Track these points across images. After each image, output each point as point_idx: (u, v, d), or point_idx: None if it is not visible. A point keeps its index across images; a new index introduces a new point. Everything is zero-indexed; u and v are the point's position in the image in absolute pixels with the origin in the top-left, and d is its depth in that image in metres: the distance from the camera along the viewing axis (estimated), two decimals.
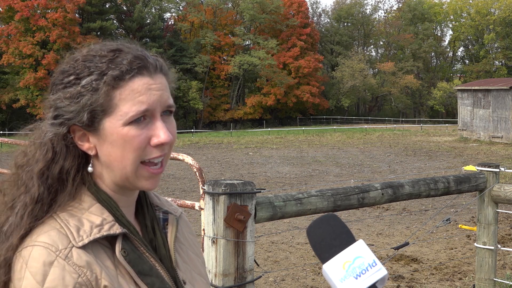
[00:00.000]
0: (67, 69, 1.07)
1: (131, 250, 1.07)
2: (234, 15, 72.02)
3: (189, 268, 1.21)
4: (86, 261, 1.01)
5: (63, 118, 1.06)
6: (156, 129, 1.07)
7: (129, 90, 1.05)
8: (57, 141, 1.07)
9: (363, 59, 75.10)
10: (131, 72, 1.05)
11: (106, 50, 1.07)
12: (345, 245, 0.98)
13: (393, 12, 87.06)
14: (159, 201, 1.25)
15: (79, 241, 1.02)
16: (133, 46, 1.10)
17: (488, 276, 4.36)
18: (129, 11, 65.60)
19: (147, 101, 1.05)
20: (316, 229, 1.02)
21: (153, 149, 1.07)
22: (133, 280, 1.06)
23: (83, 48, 1.10)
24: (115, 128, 1.05)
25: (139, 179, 1.08)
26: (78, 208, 1.07)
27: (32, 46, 54.31)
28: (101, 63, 1.05)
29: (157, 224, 1.18)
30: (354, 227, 9.48)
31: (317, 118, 72.02)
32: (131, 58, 1.06)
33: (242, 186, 2.73)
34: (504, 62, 74.80)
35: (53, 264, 0.99)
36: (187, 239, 1.27)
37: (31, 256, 0.99)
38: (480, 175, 4.26)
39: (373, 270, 0.95)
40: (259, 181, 15.50)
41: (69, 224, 1.04)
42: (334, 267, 0.96)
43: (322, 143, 32.12)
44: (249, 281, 2.78)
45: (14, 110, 54.01)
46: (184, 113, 63.66)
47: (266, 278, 6.55)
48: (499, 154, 24.35)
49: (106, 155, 1.07)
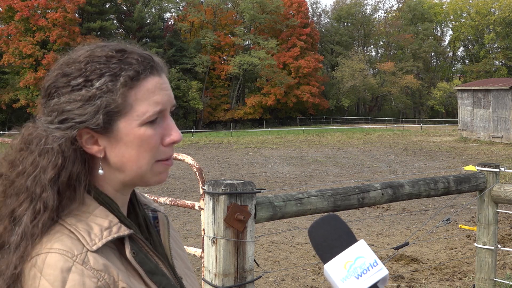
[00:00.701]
0: (72, 71, 1.04)
1: (138, 250, 1.07)
2: (234, 15, 72.03)
3: (181, 264, 1.22)
4: (104, 264, 0.99)
5: (74, 122, 1.02)
6: (168, 128, 1.08)
7: (144, 90, 1.04)
8: (66, 146, 1.03)
9: (363, 59, 75.11)
10: (145, 72, 1.05)
11: (111, 51, 1.05)
12: (346, 245, 0.99)
13: (393, 12, 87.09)
14: (145, 200, 1.25)
15: (92, 245, 1.00)
16: (133, 45, 1.10)
17: (488, 276, 4.36)
18: (129, 11, 65.61)
19: (161, 101, 1.06)
20: (317, 229, 1.03)
21: (165, 149, 1.08)
22: (142, 280, 1.06)
23: (78, 50, 1.07)
24: (131, 128, 1.04)
25: (154, 175, 1.09)
26: (82, 212, 1.04)
27: (32, 46, 54.33)
28: (112, 64, 1.03)
29: (150, 222, 1.19)
30: (354, 227, 9.48)
31: (317, 118, 72.02)
32: (139, 57, 1.06)
33: (242, 186, 2.73)
34: (504, 62, 74.80)
35: (71, 270, 0.96)
36: (172, 235, 1.27)
37: (46, 263, 0.96)
38: (480, 175, 4.26)
39: (374, 270, 0.95)
40: (259, 181, 15.50)
41: (79, 229, 1.02)
42: (335, 267, 0.97)
43: (322, 143, 32.12)
44: (249, 281, 2.78)
45: (14, 110, 54.02)
46: (184, 113, 63.65)
47: (266, 278, 6.55)
48: (499, 154, 24.35)
49: (119, 157, 1.06)
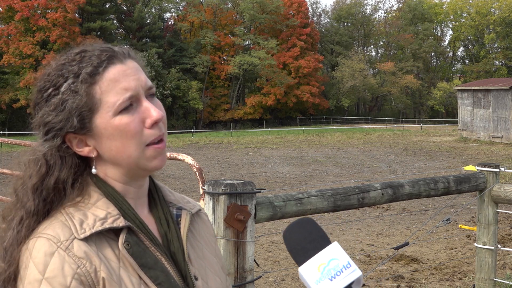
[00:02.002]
0: (43, 84, 1.09)
1: (135, 243, 1.09)
2: (234, 15, 72.01)
3: (203, 264, 1.21)
4: (86, 252, 1.03)
5: (55, 130, 1.08)
6: (146, 110, 1.09)
7: (107, 81, 1.06)
8: (51, 154, 1.09)
9: (363, 59, 75.09)
10: (102, 64, 1.07)
11: (72, 55, 1.09)
12: (320, 248, 1.00)
13: (393, 12, 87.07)
14: (173, 198, 1.26)
15: (81, 233, 1.05)
16: (96, 44, 1.13)
17: (488, 276, 4.35)
18: (129, 11, 65.58)
19: (129, 87, 1.07)
20: (292, 233, 1.04)
21: (150, 131, 1.09)
22: (136, 273, 1.07)
23: (51, 62, 1.12)
24: (106, 121, 1.07)
25: (148, 160, 1.10)
26: (86, 203, 1.10)
27: (32, 46, 54.31)
28: (71, 66, 1.07)
29: (171, 218, 1.19)
30: (354, 227, 9.48)
31: (317, 118, 72.01)
32: (98, 52, 1.08)
33: (242, 186, 2.73)
34: (504, 62, 74.79)
35: (54, 255, 1.02)
36: (204, 237, 1.27)
37: (35, 247, 1.03)
38: (480, 175, 4.26)
39: (347, 271, 0.96)
40: (259, 181, 15.50)
41: (74, 218, 1.07)
42: (309, 270, 0.98)
43: (322, 143, 32.12)
44: (249, 281, 2.78)
45: (14, 110, 53.96)
46: (184, 113, 63.61)
47: (266, 278, 6.55)
48: (499, 154, 24.35)
49: (108, 151, 1.09)
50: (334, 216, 9.96)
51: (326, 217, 9.89)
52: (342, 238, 8.64)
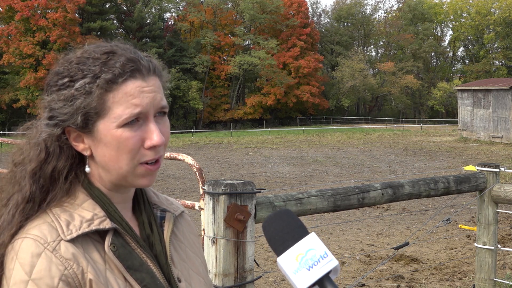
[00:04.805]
0: (61, 71, 1.09)
1: (121, 245, 1.09)
2: (234, 15, 72.01)
3: (186, 266, 1.22)
4: (73, 254, 1.03)
5: (58, 120, 1.08)
6: (149, 132, 1.08)
7: (122, 93, 1.06)
8: (51, 142, 1.10)
9: (363, 59, 75.06)
10: (123, 76, 1.06)
11: (99, 52, 1.08)
12: (298, 238, 1.02)
13: (393, 12, 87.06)
14: (157, 199, 1.26)
15: (67, 234, 1.04)
16: (127, 47, 1.11)
17: (488, 276, 4.36)
18: (129, 11, 65.58)
19: (140, 104, 1.06)
20: (270, 224, 1.05)
21: (147, 152, 1.08)
22: (122, 275, 1.08)
23: (78, 50, 1.11)
24: (109, 130, 1.06)
25: (137, 177, 1.10)
26: (72, 204, 1.10)
27: (33, 46, 54.30)
28: (94, 66, 1.06)
29: (154, 221, 1.19)
30: (354, 227, 9.48)
31: (317, 118, 72.01)
32: (124, 60, 1.07)
33: (242, 186, 2.73)
34: (504, 62, 74.80)
35: (41, 256, 1.01)
36: (188, 238, 1.28)
37: (21, 247, 1.02)
38: (480, 175, 4.26)
39: (324, 261, 0.98)
40: (259, 181, 15.50)
41: (60, 219, 1.07)
42: (287, 260, 1.00)
43: (322, 143, 32.12)
44: (249, 281, 2.78)
45: (14, 110, 54.00)
46: (184, 113, 63.61)
47: (266, 278, 6.55)
48: (499, 154, 24.34)
49: (101, 156, 1.09)
50: (334, 216, 9.96)
51: (326, 217, 9.89)
52: (342, 238, 8.64)
